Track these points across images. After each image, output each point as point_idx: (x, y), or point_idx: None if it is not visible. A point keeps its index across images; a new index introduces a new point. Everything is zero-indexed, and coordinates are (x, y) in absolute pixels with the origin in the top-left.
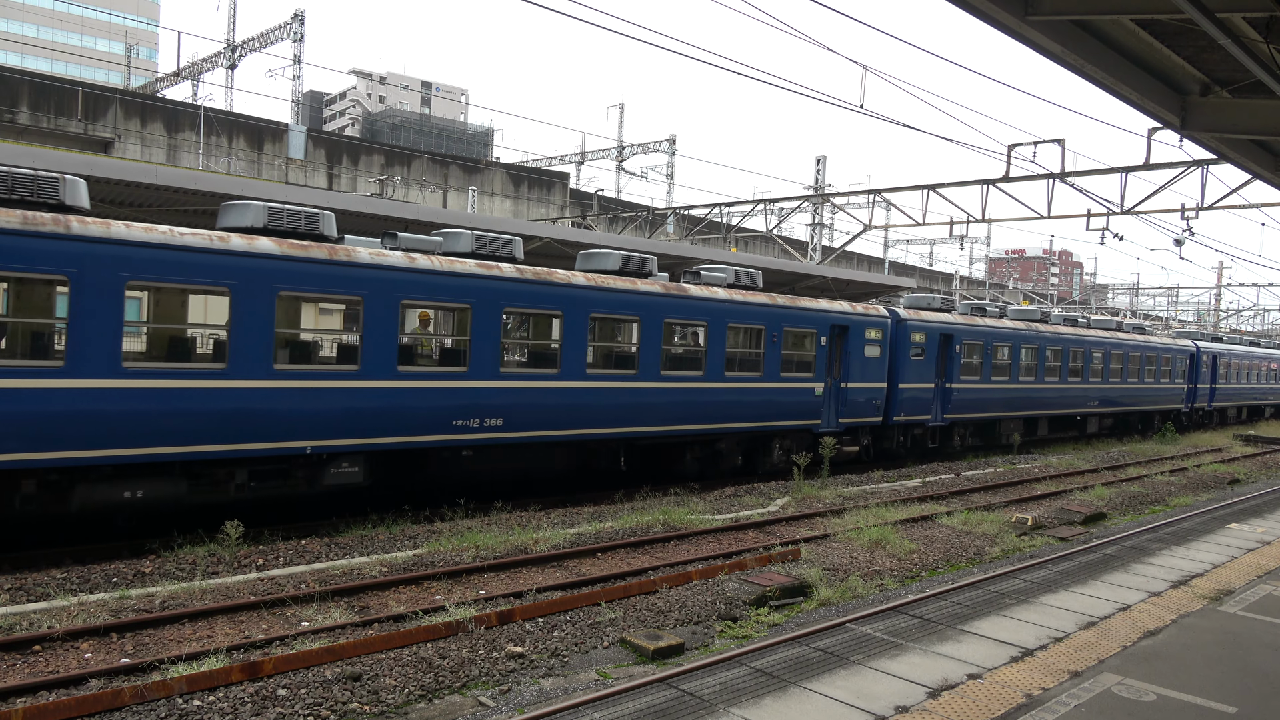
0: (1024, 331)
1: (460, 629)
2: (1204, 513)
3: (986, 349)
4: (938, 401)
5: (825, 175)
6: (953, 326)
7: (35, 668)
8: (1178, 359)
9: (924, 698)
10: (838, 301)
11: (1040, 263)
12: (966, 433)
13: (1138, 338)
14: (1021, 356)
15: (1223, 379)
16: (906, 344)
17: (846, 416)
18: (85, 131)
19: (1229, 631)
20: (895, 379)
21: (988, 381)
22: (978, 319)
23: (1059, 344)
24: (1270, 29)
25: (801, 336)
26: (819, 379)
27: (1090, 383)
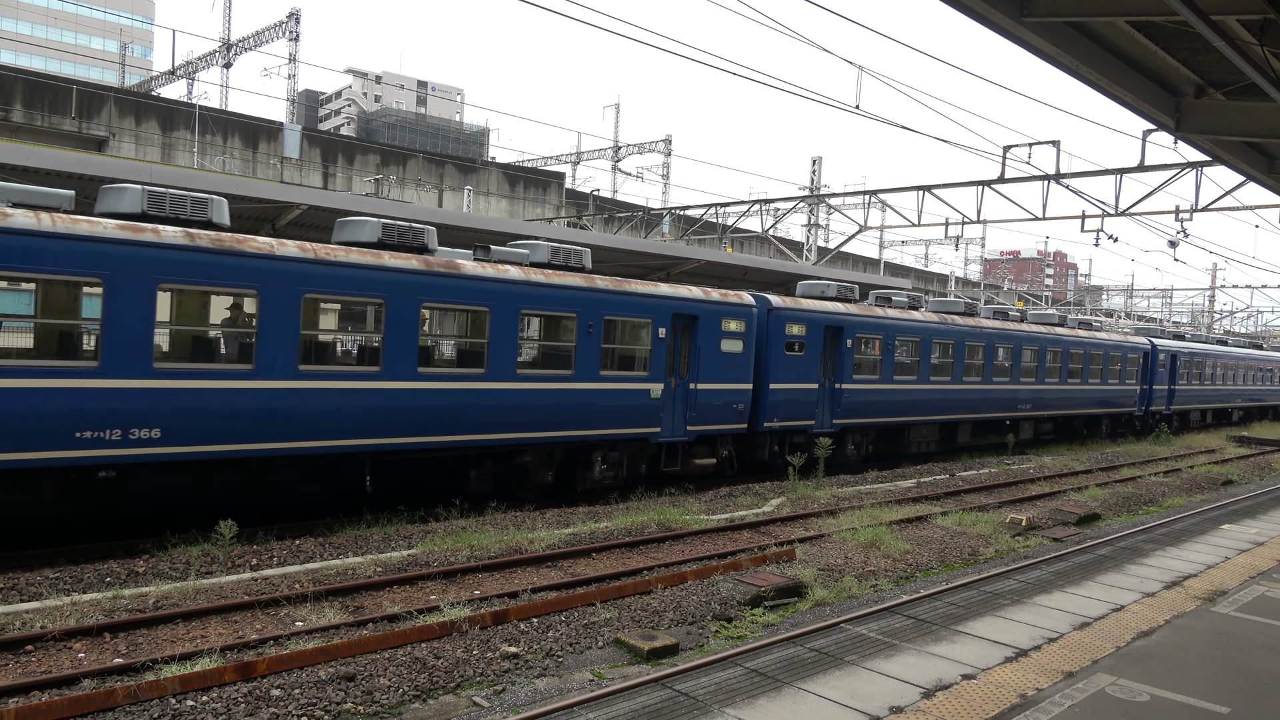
0: (936, 325)
1: (455, 629)
2: (1197, 514)
3: (888, 344)
4: (824, 405)
5: (821, 176)
6: (842, 317)
7: (28, 668)
8: (1129, 357)
9: (918, 698)
10: (683, 286)
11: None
12: (865, 441)
13: (1081, 334)
14: (933, 353)
15: (1183, 380)
16: (780, 337)
17: (698, 423)
18: (80, 130)
19: (1222, 632)
20: (765, 378)
21: (890, 381)
22: (876, 310)
23: (981, 339)
24: (1264, 31)
25: (632, 327)
26: (657, 378)
27: (1022, 383)
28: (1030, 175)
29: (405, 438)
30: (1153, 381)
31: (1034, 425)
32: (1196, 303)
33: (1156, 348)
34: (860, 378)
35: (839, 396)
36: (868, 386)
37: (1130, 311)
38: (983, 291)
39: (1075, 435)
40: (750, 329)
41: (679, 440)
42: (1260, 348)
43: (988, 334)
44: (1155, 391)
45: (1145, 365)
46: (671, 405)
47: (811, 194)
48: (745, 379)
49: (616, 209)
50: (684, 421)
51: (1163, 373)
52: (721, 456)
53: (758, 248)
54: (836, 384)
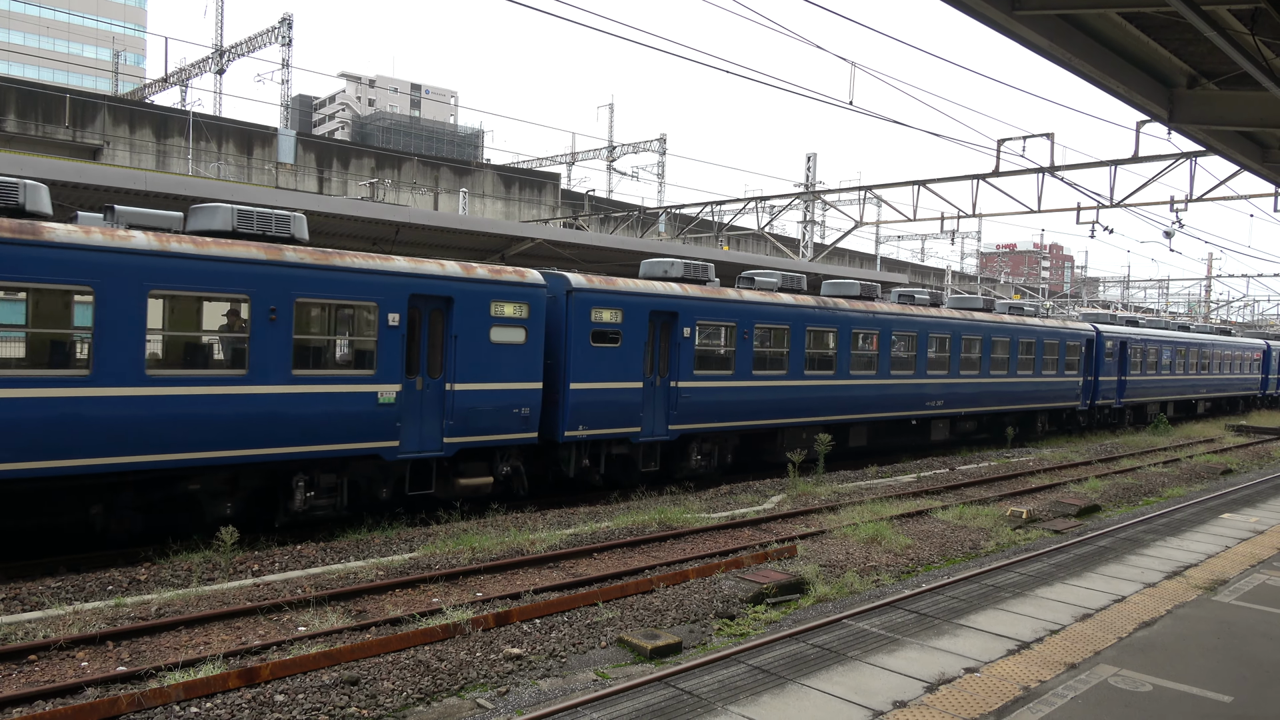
0: (810, 310)
1: (457, 631)
2: (1197, 503)
3: (744, 333)
4: (655, 407)
5: (816, 172)
6: (675, 300)
7: (31, 677)
8: (1069, 345)
9: (921, 692)
10: (430, 261)
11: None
12: (717, 449)
13: (1007, 319)
14: (809, 343)
15: (1136, 369)
16: (584, 325)
17: (460, 433)
18: (73, 138)
19: (1224, 621)
20: (565, 376)
21: (747, 378)
22: (727, 292)
23: (873, 326)
24: (1255, 20)
25: (347, 312)
26: (390, 377)
27: (930, 377)
28: (1025, 168)
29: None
30: (1099, 372)
31: (949, 424)
32: (1193, 293)
33: (1102, 334)
34: (705, 373)
35: (675, 397)
36: (716, 384)
37: (1127, 303)
38: (980, 285)
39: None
40: (536, 315)
41: (433, 456)
42: (1228, 333)
43: (883, 320)
44: (1102, 383)
45: (1089, 354)
46: (418, 412)
47: (807, 190)
48: (531, 377)
49: (613, 209)
50: (440, 432)
51: (1110, 362)
52: (502, 474)
53: (754, 245)
54: (672, 381)
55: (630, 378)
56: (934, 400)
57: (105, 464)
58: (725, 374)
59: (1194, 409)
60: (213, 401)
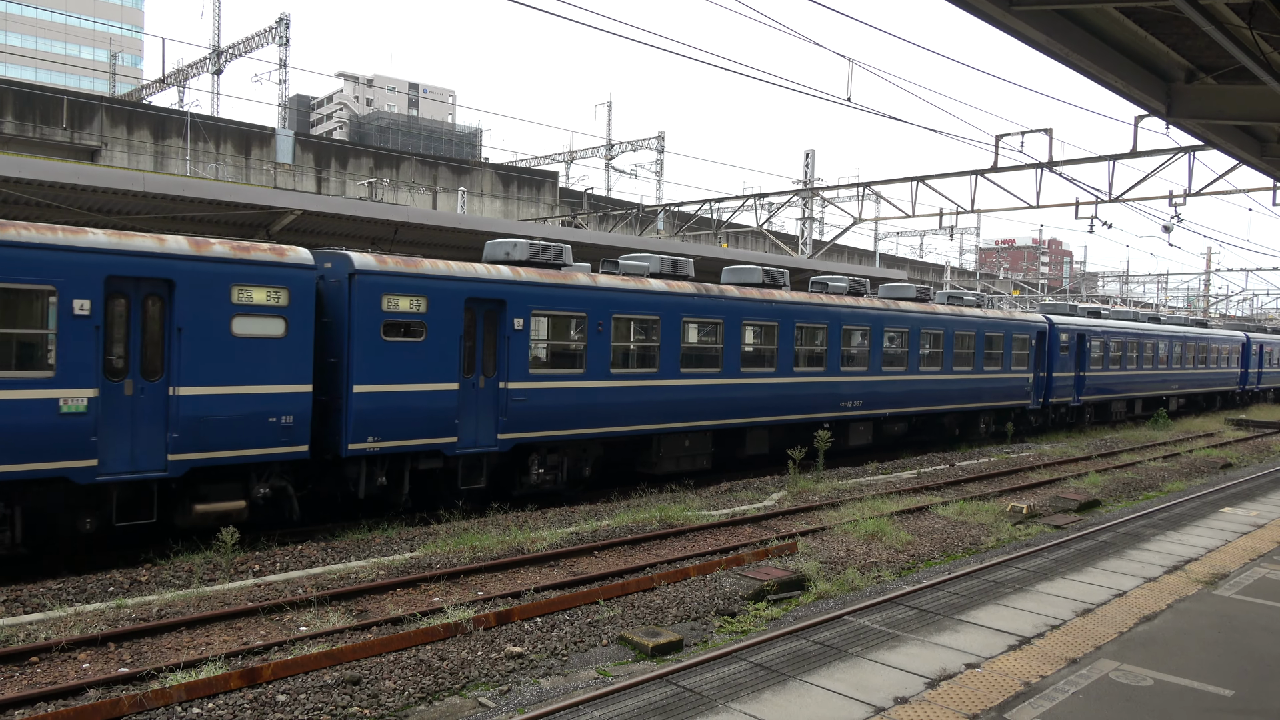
0: (687, 297)
1: (459, 630)
2: (1197, 497)
3: (598, 325)
4: (480, 414)
5: (814, 169)
6: (502, 286)
7: (33, 679)
8: (1017, 339)
9: (923, 688)
10: (150, 236)
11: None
12: (568, 461)
13: (941, 310)
14: (685, 337)
15: (1096, 364)
16: (373, 315)
17: (188, 449)
18: (71, 140)
19: (1224, 615)
20: (347, 377)
21: (604, 377)
22: (578, 277)
23: (770, 317)
24: (1253, 14)
25: (9, 298)
26: (79, 380)
27: (845, 375)
28: (1023, 164)
29: None
30: (1052, 367)
31: (872, 427)
32: (1192, 287)
33: (1056, 326)
34: (547, 373)
35: (506, 401)
36: (562, 385)
37: (1126, 297)
38: (979, 281)
39: (946, 436)
40: (302, 302)
41: (153, 476)
42: (1205, 325)
43: (783, 310)
44: (1057, 379)
45: (1040, 348)
46: (128, 423)
47: (805, 187)
48: (295, 378)
49: (611, 207)
50: (163, 447)
51: (1066, 356)
52: (259, 496)
53: (753, 242)
54: (502, 383)
55: (440, 378)
56: (851, 401)
57: None
58: (574, 373)
59: (1166, 406)
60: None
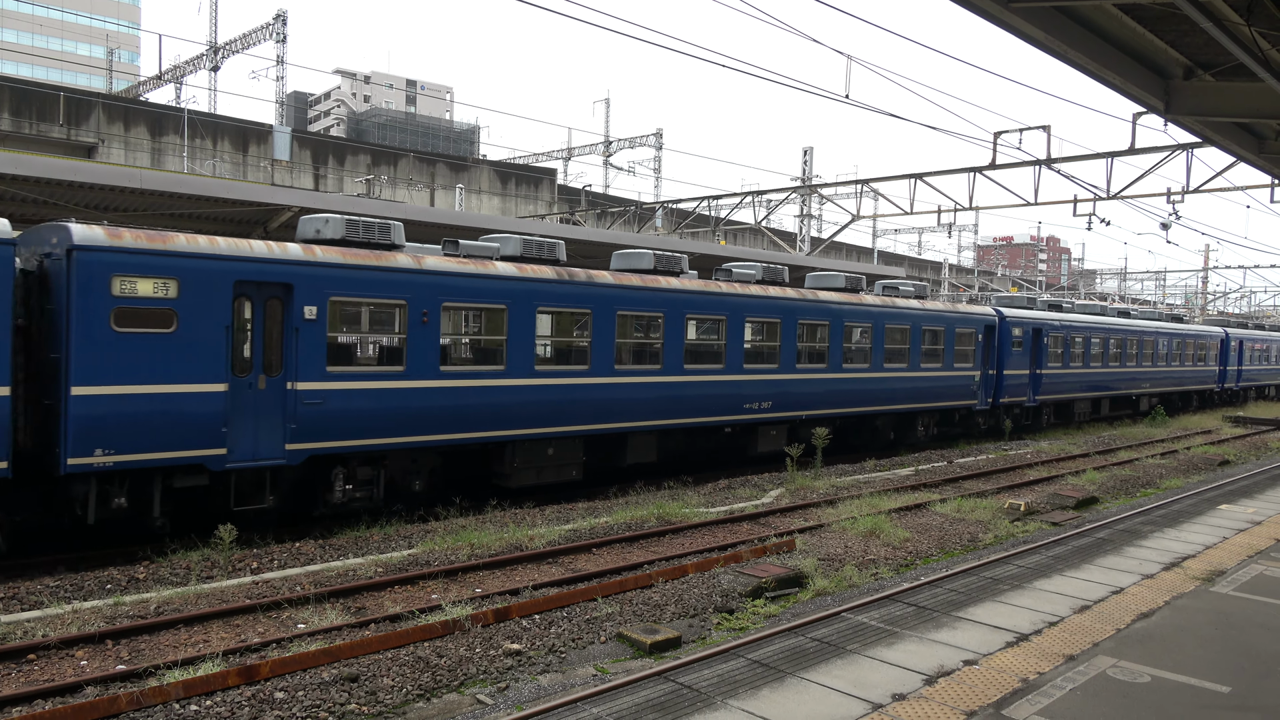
0: (547, 284)
1: (457, 628)
2: (1195, 494)
3: (422, 315)
4: (260, 420)
5: (813, 166)
6: (286, 267)
7: (31, 676)
8: (960, 334)
9: (921, 685)
10: None
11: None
12: (385, 474)
13: (869, 301)
14: (540, 329)
15: (1055, 361)
16: (102, 301)
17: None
18: (68, 137)
19: (1222, 612)
20: (66, 376)
21: (433, 376)
22: (398, 258)
23: (654, 307)
24: (1251, 11)
25: None
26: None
27: (752, 373)
28: (1021, 161)
29: None
30: (1003, 364)
31: (787, 431)
32: (1190, 284)
33: (1008, 320)
34: (354, 371)
35: (295, 404)
36: (374, 385)
37: (1124, 294)
38: (977, 278)
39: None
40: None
41: None
42: (1180, 319)
43: (671, 299)
44: (1009, 378)
45: (988, 343)
46: None
47: (803, 184)
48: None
49: (609, 204)
50: None
51: (1019, 353)
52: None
53: (751, 240)
54: (290, 383)
55: (199, 377)
56: (757, 402)
57: None
58: (391, 371)
59: (1136, 406)
60: None
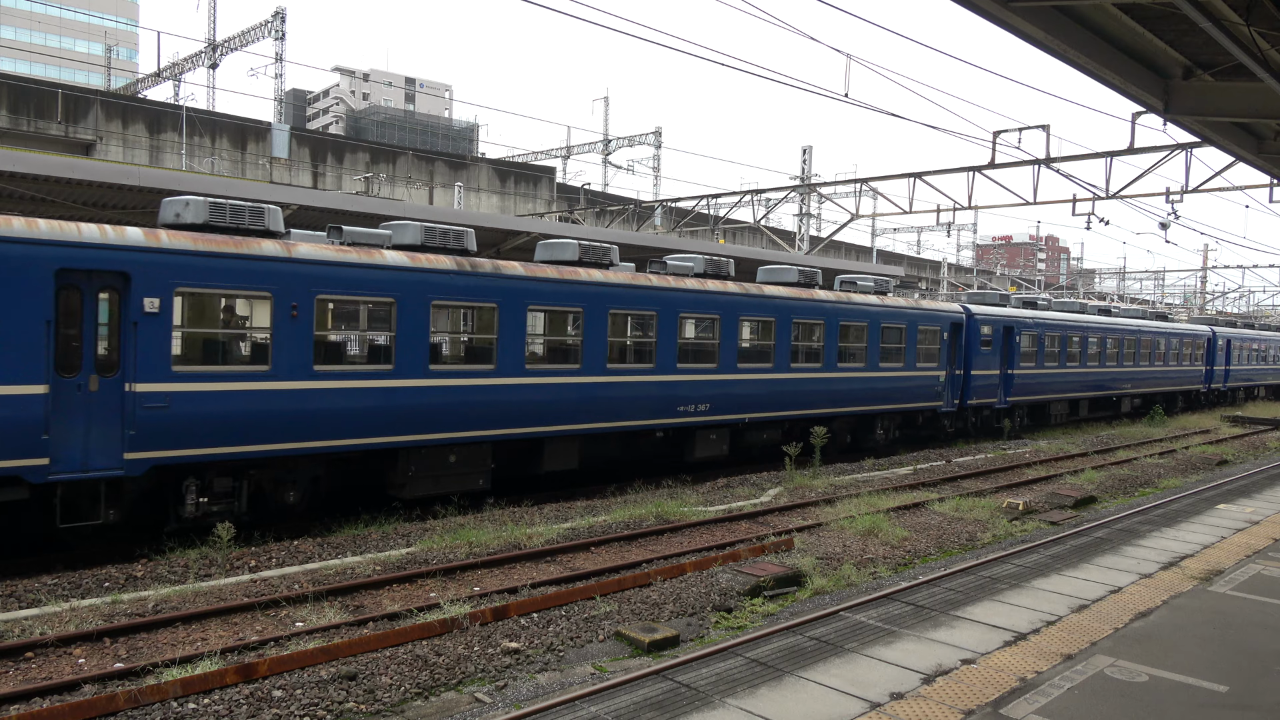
0: (444, 275)
1: (455, 626)
2: (1193, 494)
3: (292, 308)
4: (94, 426)
5: (811, 165)
6: (120, 254)
7: (28, 674)
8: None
9: (918, 683)
10: None
11: (1028, 249)
12: (250, 485)
13: (821, 296)
14: (436, 325)
15: (1028, 361)
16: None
17: None
18: (66, 134)
19: (1219, 611)
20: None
21: (305, 376)
22: (260, 245)
23: (570, 301)
24: (1250, 11)
25: None
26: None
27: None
28: (1021, 160)
29: None
30: (971, 364)
31: (728, 435)
32: (1189, 284)
33: (976, 317)
34: (202, 371)
35: (135, 408)
36: (231, 386)
37: (1123, 294)
38: (975, 277)
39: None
40: None
41: None
42: (1165, 318)
43: (594, 293)
44: (977, 379)
45: (954, 342)
46: None
47: (802, 183)
48: None
49: (608, 202)
50: None
51: (989, 352)
52: None
53: (750, 238)
54: (129, 384)
55: (12, 377)
56: (694, 404)
57: None
58: (255, 371)
59: (1117, 407)
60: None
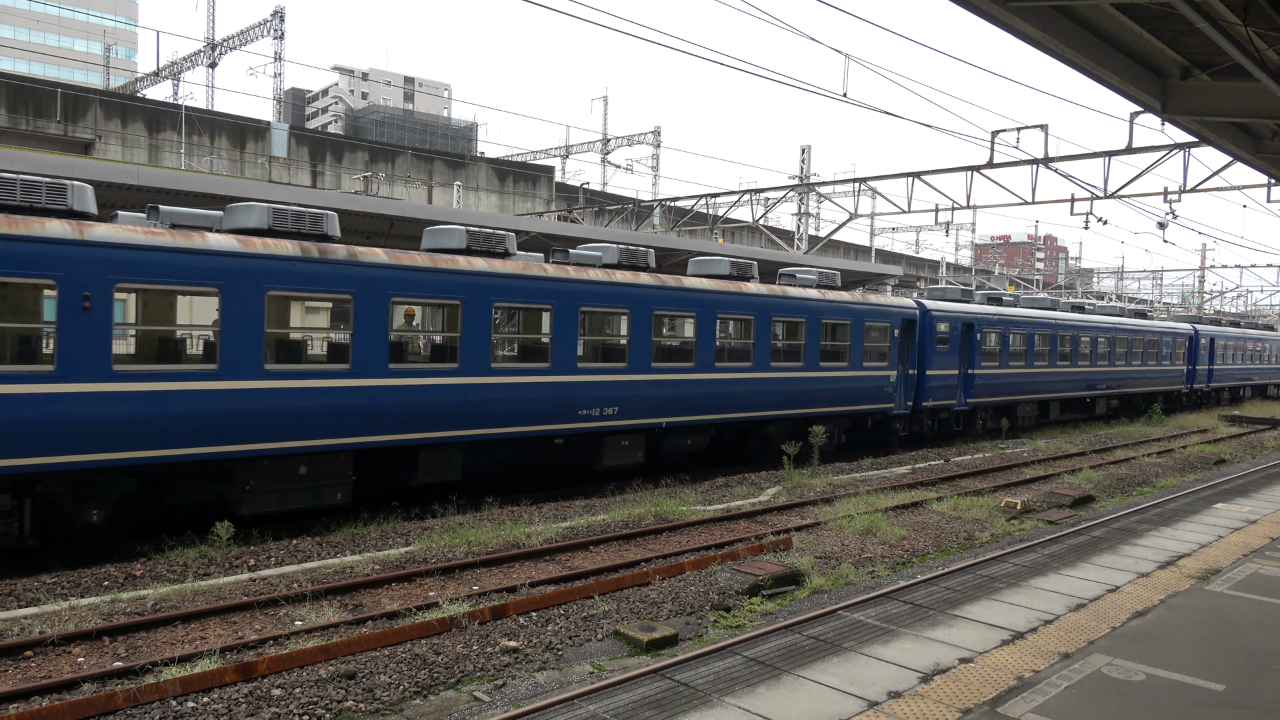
0: (285, 263)
1: (454, 625)
2: (1191, 493)
3: (81, 297)
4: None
5: (810, 164)
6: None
7: (28, 673)
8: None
9: (916, 682)
10: None
11: (1026, 248)
12: (35, 506)
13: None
14: (271, 320)
15: (991, 360)
16: None
17: None
18: (65, 133)
19: (1216, 610)
20: None
21: (103, 378)
22: (48, 225)
23: (446, 293)
24: (1248, 11)
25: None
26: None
27: (588, 373)
28: (1019, 159)
29: None
30: (927, 364)
31: (642, 440)
32: (1187, 283)
33: (932, 314)
34: None
35: None
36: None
37: (1121, 293)
38: (974, 276)
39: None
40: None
41: None
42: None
43: (469, 283)
44: (933, 379)
45: (908, 340)
46: None
47: (801, 183)
48: None
49: (607, 202)
50: None
51: (946, 351)
52: None
53: (749, 238)
54: None
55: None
56: (599, 407)
57: None
58: (33, 372)
59: (1092, 409)
60: None
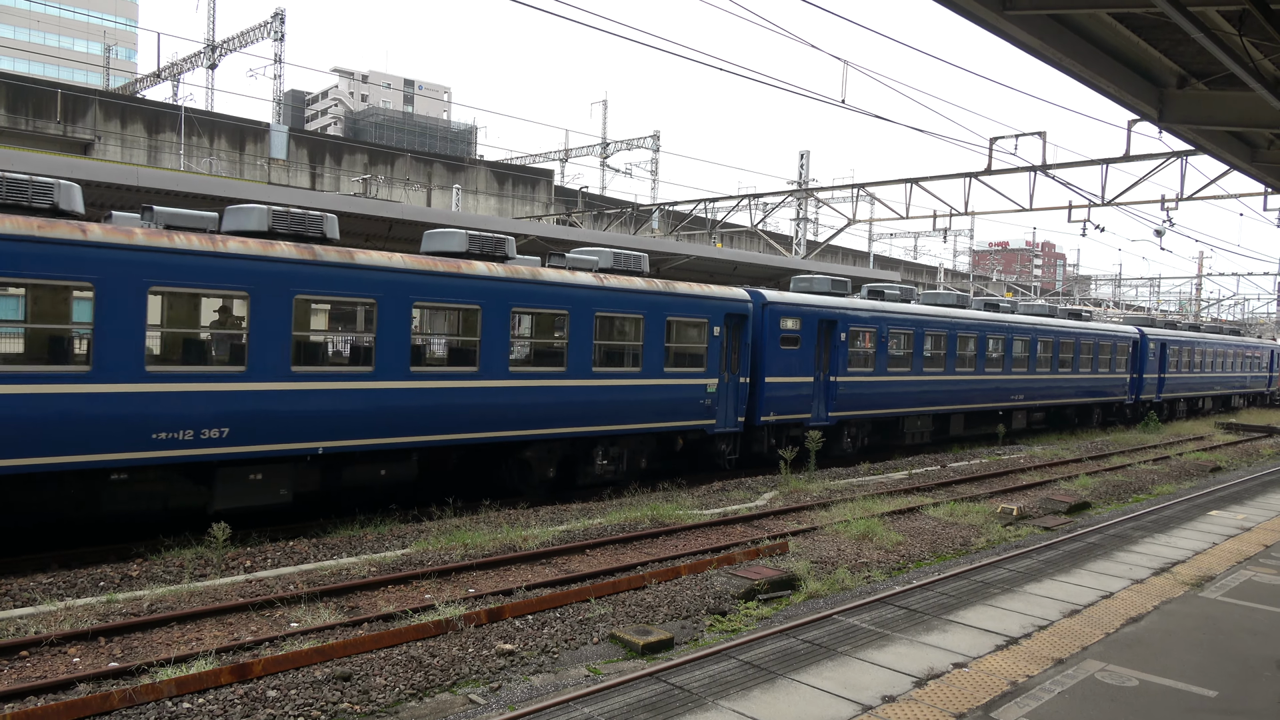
0: (173, 254)
1: (450, 627)
2: (1186, 500)
3: None
4: None
5: (809, 170)
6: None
7: (23, 673)
8: (677, 327)
9: (910, 687)
10: None
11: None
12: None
13: (633, 285)
14: (153, 314)
15: (863, 365)
16: None
17: None
18: (64, 133)
19: (1210, 617)
20: None
21: None
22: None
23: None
24: (1243, 22)
25: None
26: None
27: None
28: (1017, 167)
29: None
30: (765, 370)
31: (288, 474)
32: (1184, 291)
33: (773, 307)
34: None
35: None
36: None
37: (1119, 300)
38: (972, 283)
39: (530, 478)
40: None
41: None
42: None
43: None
44: (772, 389)
45: (737, 340)
46: None
47: (800, 188)
48: None
49: (606, 205)
50: None
51: (793, 354)
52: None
53: (747, 242)
54: None
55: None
56: (189, 430)
57: None
58: None
59: (1008, 423)
60: None
